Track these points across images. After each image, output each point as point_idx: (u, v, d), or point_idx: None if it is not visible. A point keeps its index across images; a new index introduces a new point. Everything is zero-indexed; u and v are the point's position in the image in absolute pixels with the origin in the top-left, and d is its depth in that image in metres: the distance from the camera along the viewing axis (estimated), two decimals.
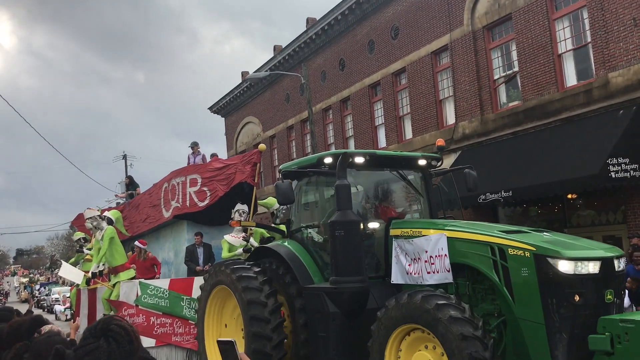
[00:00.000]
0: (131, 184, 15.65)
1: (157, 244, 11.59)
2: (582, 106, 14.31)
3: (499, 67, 16.97)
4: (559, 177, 13.26)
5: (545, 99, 15.27)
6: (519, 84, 16.20)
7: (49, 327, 3.86)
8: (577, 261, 5.08)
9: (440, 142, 7.21)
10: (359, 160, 6.62)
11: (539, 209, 16.02)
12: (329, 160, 6.70)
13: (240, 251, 9.52)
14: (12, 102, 42.92)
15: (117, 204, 16.86)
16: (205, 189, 10.32)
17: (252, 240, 9.70)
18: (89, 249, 12.51)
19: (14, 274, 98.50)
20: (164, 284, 9.92)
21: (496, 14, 16.65)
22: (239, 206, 9.76)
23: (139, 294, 9.73)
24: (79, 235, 13.82)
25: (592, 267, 5.09)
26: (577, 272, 5.06)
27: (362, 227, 6.37)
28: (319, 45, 24.16)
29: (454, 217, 7.26)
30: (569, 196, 14.91)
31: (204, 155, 13.76)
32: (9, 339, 3.68)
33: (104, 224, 10.54)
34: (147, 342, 9.25)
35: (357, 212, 6.71)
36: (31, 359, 3.25)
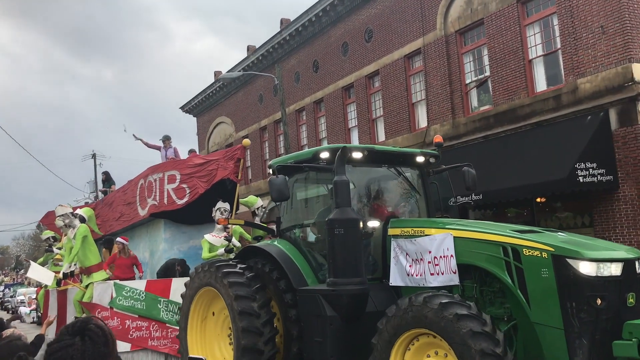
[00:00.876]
0: (107, 180, 14.49)
1: (131, 244, 10.66)
2: (551, 111, 14.20)
3: (471, 71, 16.72)
4: (528, 180, 13.10)
5: (515, 104, 15.09)
6: (490, 89, 15.98)
7: (10, 331, 3.44)
8: (599, 262, 4.61)
9: (438, 138, 6.70)
10: (357, 155, 6.03)
11: (509, 212, 15.82)
12: (325, 154, 6.08)
13: (221, 251, 8.80)
14: None
15: (85, 203, 15.78)
16: (184, 186, 9.51)
17: (234, 240, 8.99)
18: (59, 248, 11.51)
19: None
20: (140, 285, 9.09)
21: (468, 19, 16.40)
22: (220, 204, 9.03)
23: (114, 295, 8.90)
24: (48, 233, 12.75)
25: (615, 269, 4.63)
26: (599, 274, 4.58)
27: (361, 225, 5.77)
28: (293, 46, 23.50)
29: (449, 217, 6.74)
30: (538, 200, 14.73)
31: (175, 148, 12.86)
32: None
33: (77, 222, 9.60)
34: (122, 346, 8.44)
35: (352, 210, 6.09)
36: None
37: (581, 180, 12.38)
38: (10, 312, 35.93)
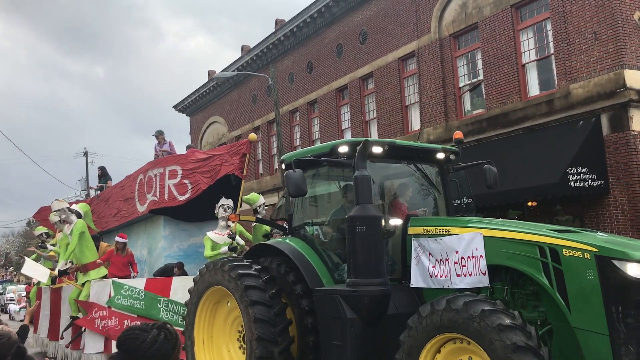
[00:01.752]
0: (103, 176, 13.69)
1: (128, 241, 9.96)
2: (543, 116, 13.95)
3: (464, 75, 16.39)
4: (520, 184, 12.86)
5: (508, 108, 14.80)
6: (483, 93, 15.66)
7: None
8: None
9: (458, 134, 6.24)
10: (377, 150, 5.53)
11: (500, 215, 15.53)
12: (344, 149, 5.57)
13: (224, 249, 8.21)
14: None
15: (76, 200, 14.98)
16: (186, 181, 8.87)
17: (238, 238, 8.41)
18: (53, 245, 10.78)
19: None
20: (139, 284, 8.43)
21: (463, 23, 16.06)
22: (223, 201, 8.46)
23: (112, 294, 8.25)
24: (41, 230, 11.97)
25: None
26: None
27: (383, 223, 5.27)
28: (287, 47, 22.93)
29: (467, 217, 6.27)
30: (529, 203, 14.46)
31: (170, 142, 12.15)
32: None
33: (74, 217, 8.89)
34: None
35: None
36: None
37: (572, 184, 12.20)
38: None
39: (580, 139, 12.79)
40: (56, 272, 8.83)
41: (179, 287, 8.33)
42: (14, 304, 29.86)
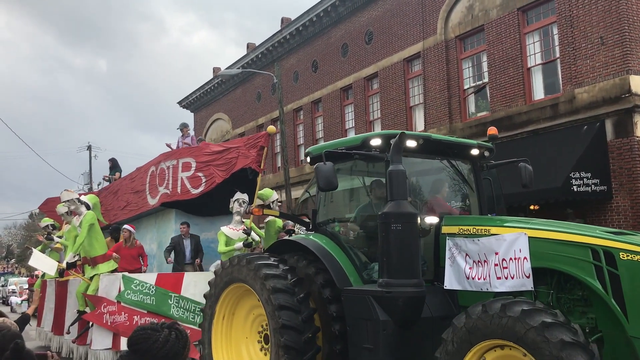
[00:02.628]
0: (114, 167, 13.08)
1: (137, 235, 9.38)
2: (548, 120, 13.60)
3: (469, 77, 15.99)
4: (522, 188, 12.44)
5: (512, 111, 14.43)
6: (488, 95, 15.28)
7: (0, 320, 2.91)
8: None
9: (492, 130, 5.81)
10: (412, 144, 5.06)
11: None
12: (377, 142, 5.11)
13: (239, 245, 7.72)
14: None
15: (79, 194, 14.31)
16: (200, 174, 8.33)
17: (253, 233, 7.92)
18: (60, 237, 10.21)
19: None
20: (150, 278, 7.88)
21: (469, 25, 15.66)
22: (238, 195, 7.96)
23: (122, 289, 7.71)
24: (47, 221, 11.36)
25: None
26: None
27: (418, 221, 4.81)
28: (292, 45, 22.41)
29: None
30: (531, 207, 14.09)
31: (192, 137, 11.66)
32: None
33: (83, 209, 8.33)
34: None
35: None
36: None
37: (575, 189, 11.87)
38: (0, 302, 33.80)
39: (584, 144, 12.48)
40: (64, 265, 8.28)
41: (190, 283, 7.85)
42: (16, 296, 29.07)
